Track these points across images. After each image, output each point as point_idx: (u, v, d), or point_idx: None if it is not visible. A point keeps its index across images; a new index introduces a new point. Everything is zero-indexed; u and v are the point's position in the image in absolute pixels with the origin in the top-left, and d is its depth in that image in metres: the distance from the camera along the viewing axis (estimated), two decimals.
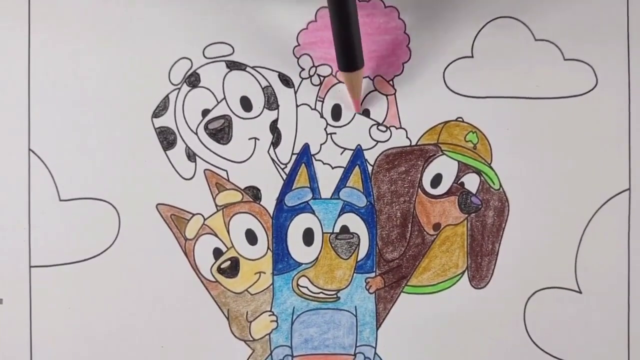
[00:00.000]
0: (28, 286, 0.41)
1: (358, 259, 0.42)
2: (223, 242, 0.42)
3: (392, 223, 0.42)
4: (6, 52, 0.42)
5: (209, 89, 0.42)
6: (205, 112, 0.42)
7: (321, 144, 0.42)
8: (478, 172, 0.42)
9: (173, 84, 0.42)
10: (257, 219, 0.42)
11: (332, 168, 0.42)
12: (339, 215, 0.42)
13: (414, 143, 0.42)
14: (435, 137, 0.42)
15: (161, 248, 0.41)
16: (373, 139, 0.42)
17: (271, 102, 0.42)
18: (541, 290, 0.42)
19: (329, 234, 0.42)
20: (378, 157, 0.42)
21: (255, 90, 0.42)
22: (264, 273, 0.42)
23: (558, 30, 0.41)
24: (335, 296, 0.42)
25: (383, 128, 0.42)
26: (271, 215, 0.42)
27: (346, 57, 0.37)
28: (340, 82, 0.42)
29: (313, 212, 0.42)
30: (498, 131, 0.42)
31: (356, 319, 0.42)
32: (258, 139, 0.42)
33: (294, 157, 0.42)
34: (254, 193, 0.42)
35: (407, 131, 0.42)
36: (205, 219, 0.42)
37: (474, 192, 0.42)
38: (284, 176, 0.42)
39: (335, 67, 0.41)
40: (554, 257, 0.42)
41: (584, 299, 0.42)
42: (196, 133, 0.42)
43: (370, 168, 0.42)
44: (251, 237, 0.42)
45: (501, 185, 0.42)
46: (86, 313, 0.41)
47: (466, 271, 0.42)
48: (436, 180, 0.42)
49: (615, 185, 0.42)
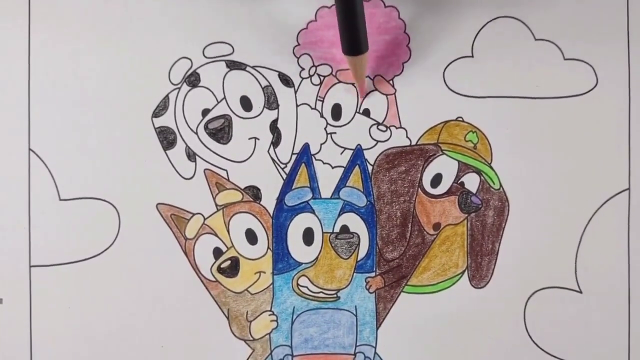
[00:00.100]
0: (28, 286, 0.41)
1: (358, 259, 0.42)
2: (223, 242, 0.42)
3: (392, 223, 0.42)
4: (6, 52, 0.42)
5: (209, 89, 0.42)
6: (205, 112, 0.42)
7: (321, 144, 0.42)
8: (478, 172, 0.42)
9: (173, 84, 0.42)
10: (257, 219, 0.42)
11: (332, 168, 0.42)
12: (339, 214, 0.42)
13: (414, 143, 0.42)
14: (435, 137, 0.42)
15: (161, 248, 0.41)
16: (373, 139, 0.42)
17: (271, 102, 0.42)
18: (541, 290, 0.42)
19: (329, 234, 0.42)
20: (378, 157, 0.42)
21: (255, 89, 0.42)
22: (264, 273, 0.42)
23: (558, 30, 0.41)
24: (335, 296, 0.42)
25: (383, 128, 0.42)
26: (271, 214, 0.42)
27: (351, 41, 0.37)
28: (340, 82, 0.42)
29: (313, 212, 0.42)
30: (498, 131, 0.42)
31: (356, 319, 0.42)
32: (258, 139, 0.42)
33: (294, 157, 0.42)
34: (254, 193, 0.42)
35: (407, 131, 0.42)
36: (205, 219, 0.42)
37: (474, 192, 0.42)
38: (284, 176, 0.42)
39: (335, 67, 0.41)
40: (554, 257, 0.42)
41: (584, 299, 0.42)
42: (196, 133, 0.42)
43: (370, 168, 0.42)
44: (251, 237, 0.42)
45: (501, 185, 0.42)
46: (86, 313, 0.41)
47: (466, 271, 0.42)
48: (436, 180, 0.42)
49: (615, 185, 0.42)
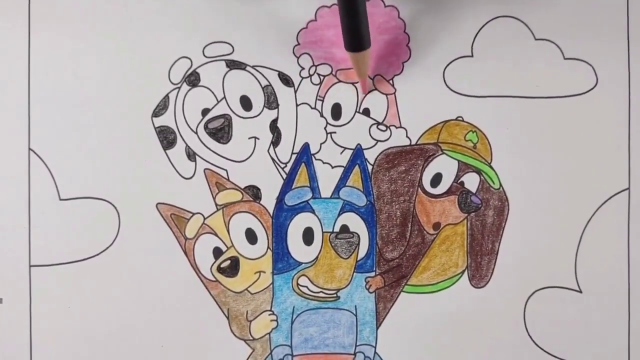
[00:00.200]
0: (28, 286, 0.41)
1: (358, 259, 0.42)
2: (223, 242, 0.42)
3: (392, 222, 0.42)
4: (6, 52, 0.42)
5: (209, 88, 0.42)
6: (205, 112, 0.42)
7: (321, 143, 0.42)
8: (478, 172, 0.42)
9: (173, 83, 0.42)
10: (257, 219, 0.42)
11: (332, 167, 0.42)
12: (339, 214, 0.42)
13: (414, 142, 0.42)
14: (435, 137, 0.42)
15: (161, 247, 0.41)
16: (373, 138, 0.42)
17: (271, 102, 0.42)
18: (541, 289, 0.42)
19: (329, 233, 0.42)
20: (378, 157, 0.42)
21: (255, 89, 0.42)
22: (264, 272, 0.42)
23: (558, 29, 0.41)
24: (335, 295, 0.42)
25: (383, 127, 0.42)
26: (271, 214, 0.42)
27: (353, 38, 0.37)
28: (340, 82, 0.42)
29: (313, 212, 0.42)
30: (498, 130, 0.42)
31: (356, 318, 0.42)
32: (258, 138, 0.42)
33: (294, 157, 0.42)
34: (254, 192, 0.42)
35: (407, 130, 0.42)
36: (205, 219, 0.42)
37: (474, 192, 0.42)
38: (284, 175, 0.42)
39: (335, 67, 0.41)
40: (554, 257, 0.42)
41: (584, 299, 0.42)
42: (196, 132, 0.42)
43: (370, 167, 0.42)
44: (251, 237, 0.42)
45: (501, 184, 0.42)
46: (86, 312, 0.41)
47: (466, 270, 0.42)
48: (436, 179, 0.42)
49: (614, 184, 0.42)
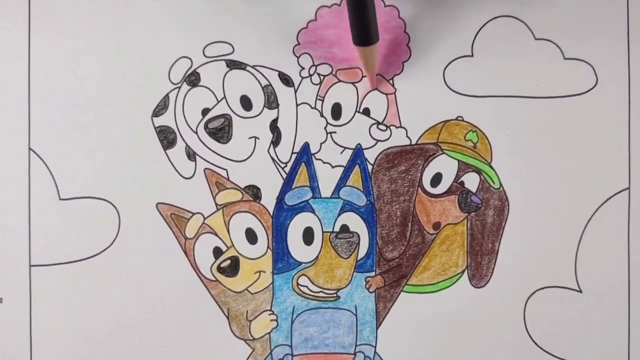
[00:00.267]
0: (28, 285, 0.41)
1: (358, 258, 0.42)
2: (223, 241, 0.42)
3: (392, 222, 0.42)
4: (6, 52, 0.42)
5: (209, 88, 0.42)
6: (205, 111, 0.42)
7: (321, 143, 0.42)
8: (478, 171, 0.42)
9: (173, 83, 0.42)
10: (257, 218, 0.42)
11: (332, 167, 0.42)
12: (339, 214, 0.42)
13: (414, 142, 0.42)
14: (435, 136, 0.42)
15: (161, 247, 0.41)
16: (373, 138, 0.42)
17: (271, 101, 0.42)
18: (541, 289, 0.42)
19: (329, 233, 0.42)
20: (378, 156, 0.42)
21: (255, 89, 0.42)
22: (264, 272, 0.42)
23: (558, 29, 0.41)
24: (335, 295, 0.42)
25: (383, 127, 0.42)
26: (271, 214, 0.42)
27: (361, 32, 0.37)
28: (340, 81, 0.42)
29: (313, 211, 0.42)
30: (498, 130, 0.42)
31: (356, 318, 0.42)
32: (258, 138, 0.42)
33: (294, 156, 0.42)
34: (254, 192, 0.42)
35: (407, 130, 0.42)
36: (205, 218, 0.42)
37: (474, 191, 0.42)
38: (284, 175, 0.42)
39: (335, 66, 0.41)
40: (554, 257, 0.42)
41: (584, 299, 0.42)
42: (196, 132, 0.42)
43: (370, 167, 0.42)
44: (251, 236, 0.42)
45: (501, 184, 0.42)
46: (86, 312, 0.41)
47: (466, 270, 0.42)
48: (436, 179, 0.42)
49: (614, 184, 0.42)
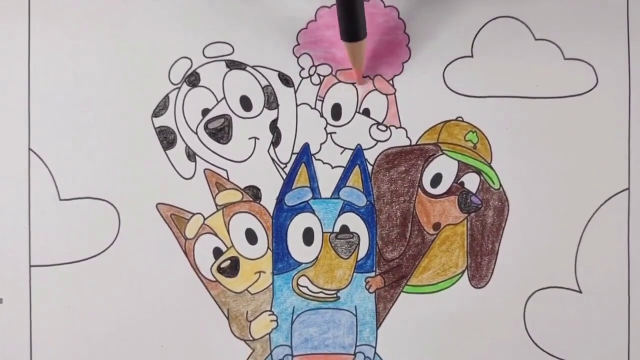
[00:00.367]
0: (28, 286, 0.41)
1: (358, 259, 0.42)
2: (223, 242, 0.42)
3: (392, 222, 0.42)
4: (6, 52, 0.42)
5: (209, 89, 0.42)
6: (205, 112, 0.42)
7: (321, 144, 0.42)
8: (478, 172, 0.42)
9: (173, 84, 0.42)
10: (257, 219, 0.42)
11: (332, 167, 0.42)
12: (339, 214, 0.42)
13: (414, 142, 0.42)
14: (435, 137, 0.42)
15: (161, 248, 0.41)
16: (373, 139, 0.42)
17: (271, 102, 0.42)
18: (541, 289, 0.42)
19: (329, 234, 0.42)
20: (378, 157, 0.42)
21: (255, 89, 0.42)
22: (264, 272, 0.42)
23: (558, 29, 0.41)
24: (335, 296, 0.42)
25: (383, 127, 0.42)
26: (271, 214, 0.42)
27: (349, 28, 0.37)
28: (340, 82, 0.42)
29: (313, 212, 0.42)
30: (498, 131, 0.42)
31: (356, 319, 0.42)
32: (258, 139, 0.42)
33: (294, 157, 0.42)
34: (254, 192, 0.42)
35: (407, 131, 0.42)
36: (205, 219, 0.42)
37: (474, 192, 0.42)
38: (284, 176, 0.42)
39: (335, 67, 0.41)
40: (554, 257, 0.42)
41: (584, 299, 0.42)
42: (196, 132, 0.42)
43: (370, 167, 0.42)
44: (251, 237, 0.42)
45: (501, 184, 0.42)
46: (86, 312, 0.41)
47: (466, 271, 0.42)
48: (436, 179, 0.42)
49: (614, 184, 0.42)
